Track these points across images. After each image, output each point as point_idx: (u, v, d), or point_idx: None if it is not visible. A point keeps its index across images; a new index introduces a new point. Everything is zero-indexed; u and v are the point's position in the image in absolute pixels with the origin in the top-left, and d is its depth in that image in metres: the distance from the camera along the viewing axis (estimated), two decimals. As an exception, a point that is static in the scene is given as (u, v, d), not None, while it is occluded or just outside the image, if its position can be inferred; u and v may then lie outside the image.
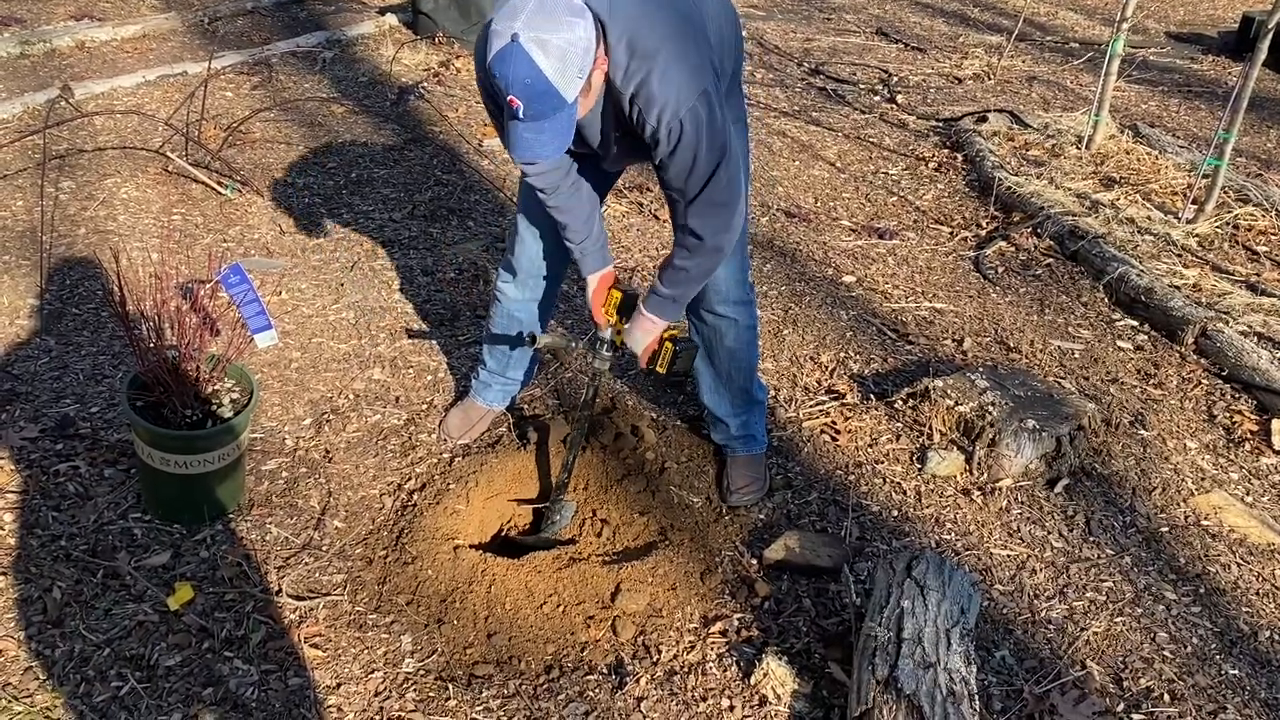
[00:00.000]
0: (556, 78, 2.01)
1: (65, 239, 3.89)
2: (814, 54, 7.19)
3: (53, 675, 2.26)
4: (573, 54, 2.01)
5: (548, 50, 1.99)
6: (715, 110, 2.22)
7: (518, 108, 2.04)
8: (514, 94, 2.02)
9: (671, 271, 2.46)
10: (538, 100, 2.03)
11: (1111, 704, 2.41)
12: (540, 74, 2.00)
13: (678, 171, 2.27)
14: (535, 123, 2.07)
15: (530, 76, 2.00)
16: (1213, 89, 6.91)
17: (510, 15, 1.99)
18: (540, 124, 2.07)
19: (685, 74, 2.18)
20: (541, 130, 2.08)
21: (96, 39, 5.93)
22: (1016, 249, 4.54)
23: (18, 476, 2.77)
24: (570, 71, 2.02)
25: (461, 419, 3.12)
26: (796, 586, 2.68)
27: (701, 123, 2.19)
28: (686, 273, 2.44)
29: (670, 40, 2.17)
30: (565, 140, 2.13)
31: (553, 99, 2.04)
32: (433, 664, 2.40)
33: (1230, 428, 3.41)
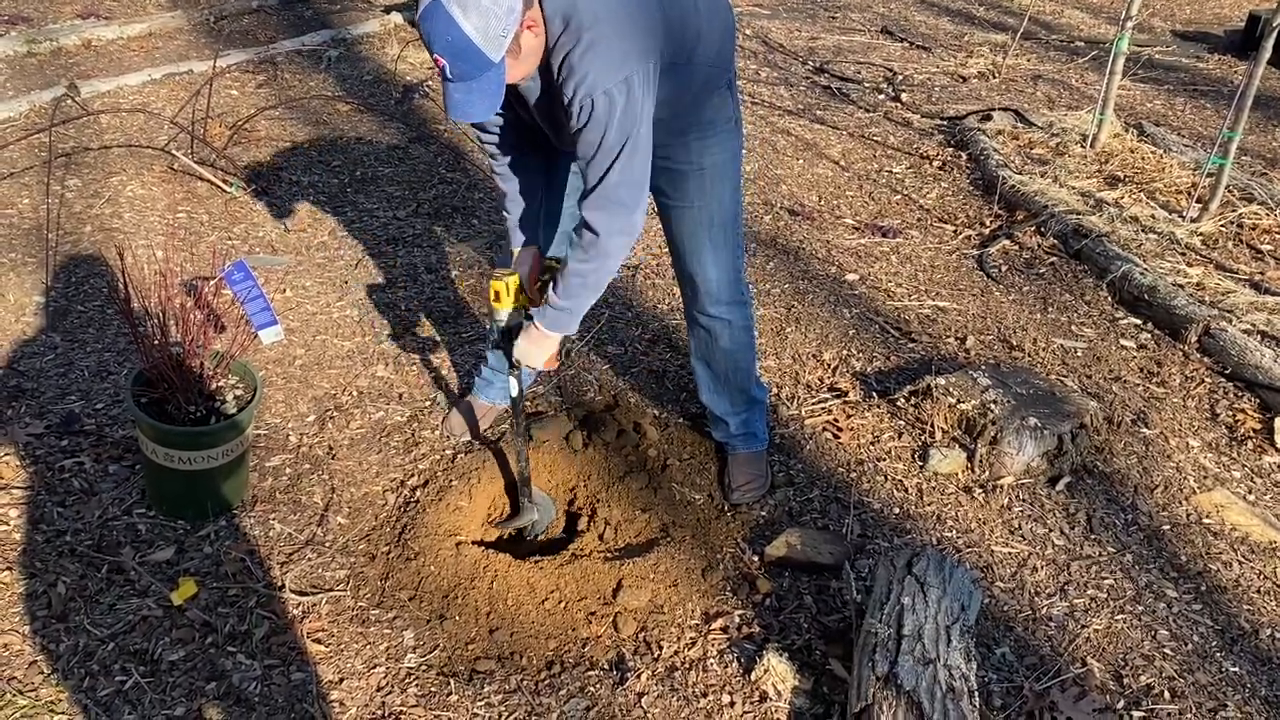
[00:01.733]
0: (478, 36, 2.02)
1: (71, 236, 3.91)
2: (819, 52, 7.19)
3: (57, 669, 2.27)
4: (495, 12, 2.02)
5: (467, 9, 2.00)
6: (635, 99, 2.20)
7: (444, 66, 2.06)
8: (438, 52, 2.04)
9: (566, 278, 2.41)
10: (461, 59, 2.04)
11: (1112, 701, 2.42)
12: (461, 32, 2.01)
13: (583, 149, 2.27)
14: (464, 83, 2.08)
15: (451, 35, 2.01)
16: (1218, 88, 6.89)
17: None
18: (469, 84, 2.09)
19: (613, 55, 2.17)
20: (470, 90, 2.10)
21: (103, 37, 5.95)
22: (1020, 247, 4.53)
23: (23, 472, 2.79)
24: (493, 30, 2.02)
25: (464, 416, 3.12)
26: (798, 583, 2.69)
27: (616, 107, 2.18)
28: (582, 279, 2.39)
29: (608, 20, 2.16)
30: (495, 101, 2.13)
31: (476, 58, 2.05)
32: (435, 659, 2.41)
33: (1233, 426, 3.41)
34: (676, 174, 2.57)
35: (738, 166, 2.69)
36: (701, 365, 2.92)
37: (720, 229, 2.68)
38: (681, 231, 2.70)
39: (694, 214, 2.65)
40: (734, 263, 2.75)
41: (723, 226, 2.69)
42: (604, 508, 2.89)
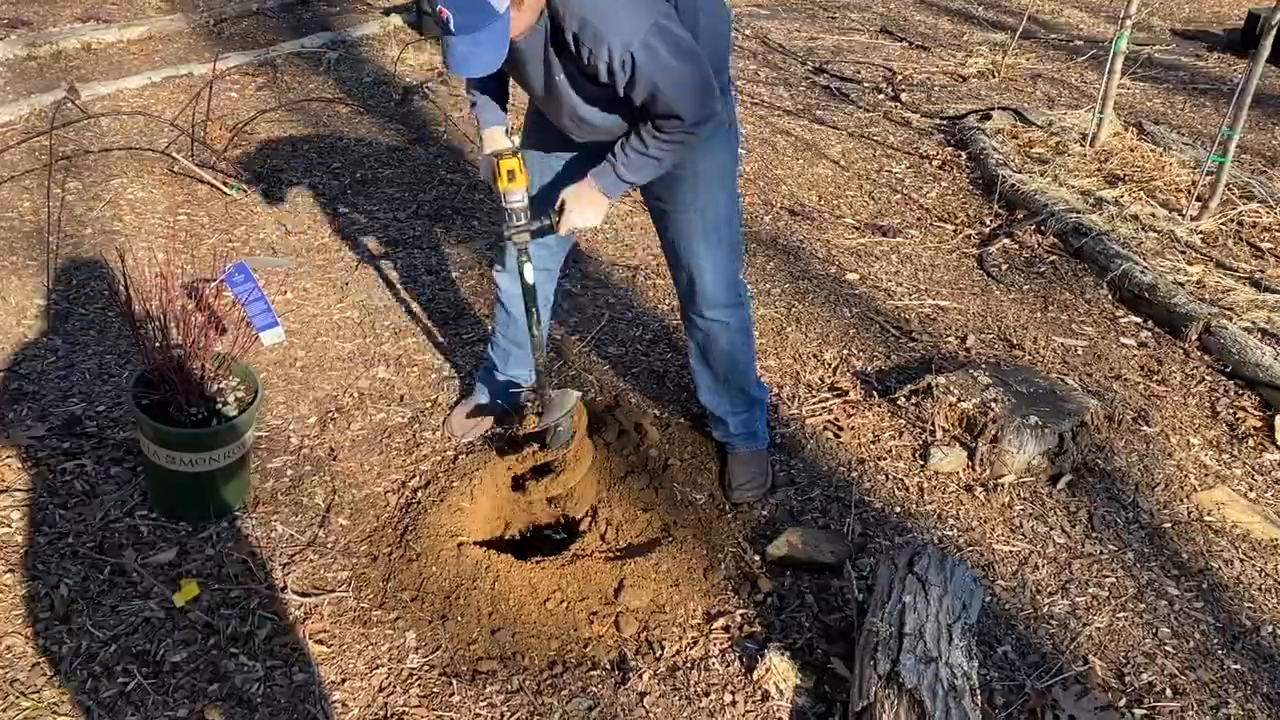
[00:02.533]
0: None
1: (72, 239, 3.91)
2: (818, 52, 7.20)
3: (60, 671, 2.28)
4: None
5: None
6: (671, 38, 2.21)
7: (448, 18, 2.04)
8: (442, 4, 2.03)
9: (640, 158, 2.39)
10: (466, 9, 2.04)
11: (1114, 699, 2.42)
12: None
13: (643, 98, 2.27)
14: (468, 35, 2.06)
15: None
16: (1218, 86, 6.89)
17: None
18: (474, 36, 2.07)
19: (632, 6, 2.18)
20: (477, 43, 2.08)
21: (103, 40, 5.95)
22: (1020, 246, 4.54)
23: (25, 475, 2.79)
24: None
25: (465, 417, 3.13)
26: (799, 582, 2.69)
27: (658, 54, 2.19)
28: (658, 163, 2.40)
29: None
30: (500, 54, 2.13)
31: (481, 8, 2.04)
32: (437, 660, 2.42)
33: (1233, 424, 3.41)
34: (671, 177, 2.55)
35: (734, 170, 2.68)
36: (700, 366, 2.93)
37: (715, 232, 2.67)
38: (677, 235, 2.70)
39: (689, 218, 2.65)
40: (730, 266, 2.74)
41: (717, 230, 2.67)
42: (605, 508, 2.89)
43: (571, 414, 2.74)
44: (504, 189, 2.46)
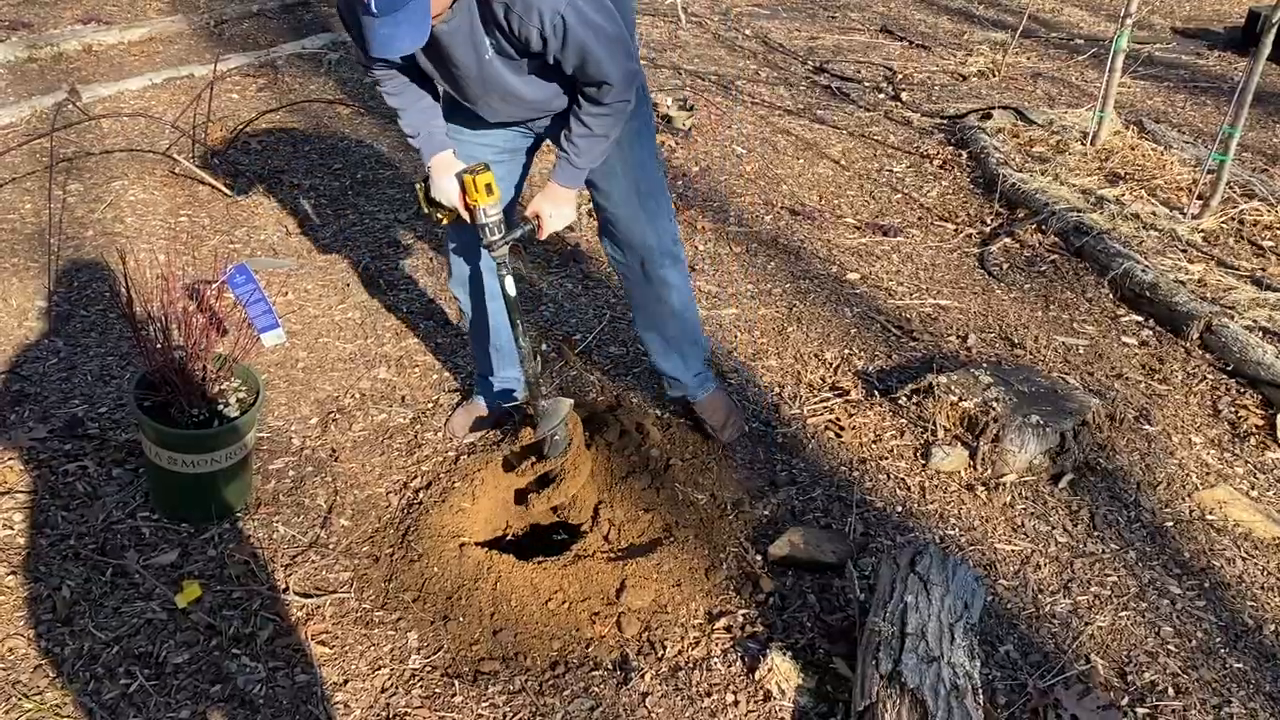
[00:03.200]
0: None
1: (73, 241, 3.91)
2: (818, 52, 7.19)
3: (62, 673, 2.28)
4: None
5: None
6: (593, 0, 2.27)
7: (365, 6, 2.03)
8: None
9: (588, 140, 2.47)
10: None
11: (1116, 698, 2.42)
12: None
13: (576, 63, 2.33)
14: (390, 15, 2.05)
15: None
16: (1218, 84, 6.89)
17: None
18: (395, 16, 2.05)
19: None
20: (398, 24, 2.07)
21: (103, 42, 5.96)
22: (1021, 245, 4.53)
23: (27, 476, 2.79)
24: None
25: (465, 418, 3.14)
26: (801, 582, 2.69)
27: (585, 14, 2.25)
28: (605, 139, 2.49)
29: None
30: (424, 31, 2.12)
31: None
32: (439, 660, 2.42)
33: (1235, 422, 3.41)
34: None
35: (651, 132, 2.78)
36: (652, 334, 3.02)
37: (651, 197, 2.77)
38: (616, 209, 2.77)
39: (624, 186, 2.73)
40: (670, 225, 2.86)
41: (653, 195, 2.78)
42: (607, 508, 2.89)
43: (566, 422, 2.76)
44: (482, 204, 2.48)
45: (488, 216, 2.49)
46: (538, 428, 2.76)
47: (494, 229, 2.51)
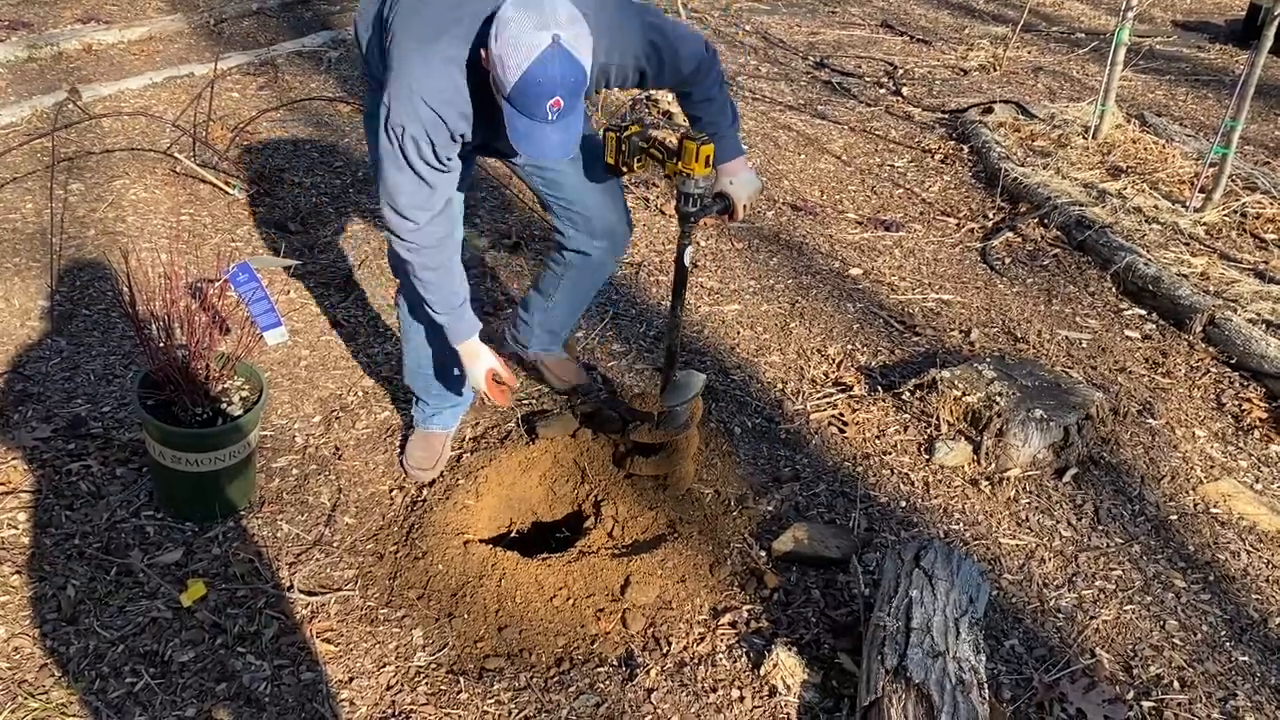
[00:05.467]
0: (587, 62, 2.07)
1: (75, 241, 3.91)
2: (819, 47, 7.19)
3: (68, 672, 2.28)
4: (586, 34, 2.07)
5: (578, 40, 2.04)
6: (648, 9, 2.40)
7: (559, 109, 2.05)
8: (560, 95, 2.04)
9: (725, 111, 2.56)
10: (575, 94, 2.06)
11: (1121, 692, 2.42)
12: (582, 68, 2.05)
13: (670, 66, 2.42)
14: (565, 119, 2.08)
15: (575, 74, 2.04)
16: (1220, 77, 6.88)
17: (534, 14, 2.00)
18: (569, 119, 2.10)
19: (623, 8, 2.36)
20: (570, 126, 2.12)
21: (103, 41, 5.95)
22: (1023, 239, 4.53)
23: (31, 476, 2.79)
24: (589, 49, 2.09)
25: (425, 452, 2.95)
26: (805, 578, 2.69)
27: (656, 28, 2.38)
28: (717, 102, 2.56)
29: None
30: (581, 128, 2.20)
31: (583, 87, 2.08)
32: (444, 658, 2.42)
33: (1239, 415, 3.41)
34: None
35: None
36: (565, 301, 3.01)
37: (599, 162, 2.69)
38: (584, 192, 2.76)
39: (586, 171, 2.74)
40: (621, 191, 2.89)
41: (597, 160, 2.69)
42: (610, 504, 2.89)
43: (693, 401, 2.81)
44: (697, 174, 2.49)
45: (697, 187, 2.51)
46: (665, 398, 2.80)
47: (696, 200, 2.53)
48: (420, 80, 2.18)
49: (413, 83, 2.17)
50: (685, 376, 2.82)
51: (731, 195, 2.66)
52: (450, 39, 2.18)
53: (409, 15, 2.24)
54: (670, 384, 2.80)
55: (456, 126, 2.24)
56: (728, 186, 2.65)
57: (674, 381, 2.80)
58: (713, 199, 2.64)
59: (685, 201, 2.53)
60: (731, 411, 3.31)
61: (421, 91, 2.17)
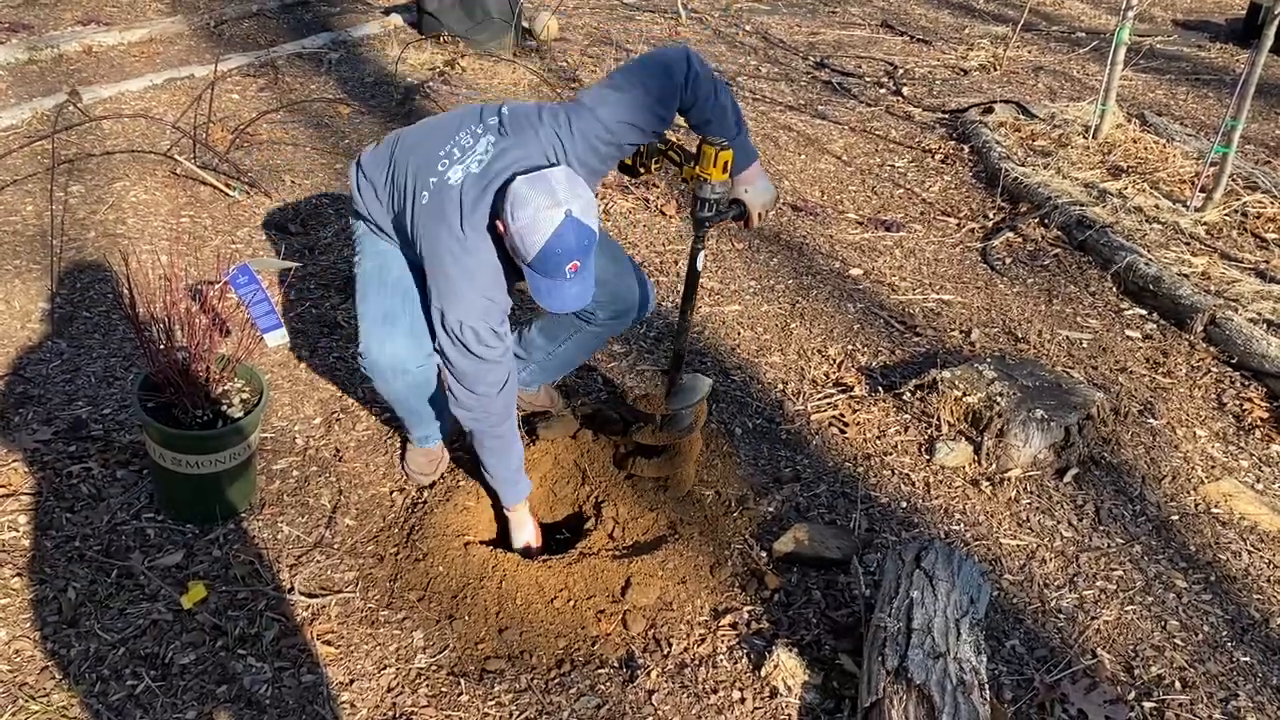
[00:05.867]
0: (598, 227, 2.29)
1: (75, 243, 3.91)
2: (819, 47, 7.19)
3: (69, 674, 2.28)
4: (594, 203, 2.28)
5: (588, 207, 2.25)
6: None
7: (576, 269, 2.27)
8: (578, 259, 2.25)
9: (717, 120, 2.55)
10: (588, 253, 2.28)
11: (1123, 692, 2.41)
12: (592, 232, 2.26)
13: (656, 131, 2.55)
14: (581, 273, 2.29)
15: (589, 238, 2.25)
16: (1220, 76, 6.88)
17: (546, 194, 2.20)
18: (585, 272, 2.30)
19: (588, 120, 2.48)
20: (585, 278, 2.32)
21: (104, 43, 5.96)
22: (1024, 239, 4.53)
23: (31, 479, 2.79)
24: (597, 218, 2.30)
25: (425, 459, 2.97)
26: (806, 579, 2.68)
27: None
28: (716, 106, 2.54)
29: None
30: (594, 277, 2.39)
31: (594, 246, 2.29)
32: (445, 659, 2.42)
33: (1240, 415, 3.40)
34: None
35: None
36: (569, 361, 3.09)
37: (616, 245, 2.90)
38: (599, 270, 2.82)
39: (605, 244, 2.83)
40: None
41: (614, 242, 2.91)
42: (611, 506, 2.89)
43: (697, 405, 2.83)
44: (714, 179, 2.51)
45: (713, 193, 2.53)
46: (670, 401, 2.82)
47: (711, 205, 2.54)
48: (471, 276, 2.39)
49: (462, 282, 2.39)
50: (691, 380, 2.84)
51: (746, 203, 2.65)
52: (479, 219, 2.37)
53: (434, 210, 2.41)
54: (676, 387, 2.80)
55: (504, 302, 2.47)
56: (743, 194, 2.65)
57: (680, 384, 2.80)
58: (728, 205, 2.64)
59: (701, 207, 2.53)
60: (732, 412, 3.31)
61: (475, 287, 2.40)
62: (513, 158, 2.37)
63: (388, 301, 2.63)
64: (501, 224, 2.28)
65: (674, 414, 2.82)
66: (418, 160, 2.48)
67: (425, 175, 2.44)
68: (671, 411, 2.82)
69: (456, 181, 2.38)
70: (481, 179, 2.36)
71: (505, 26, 6.37)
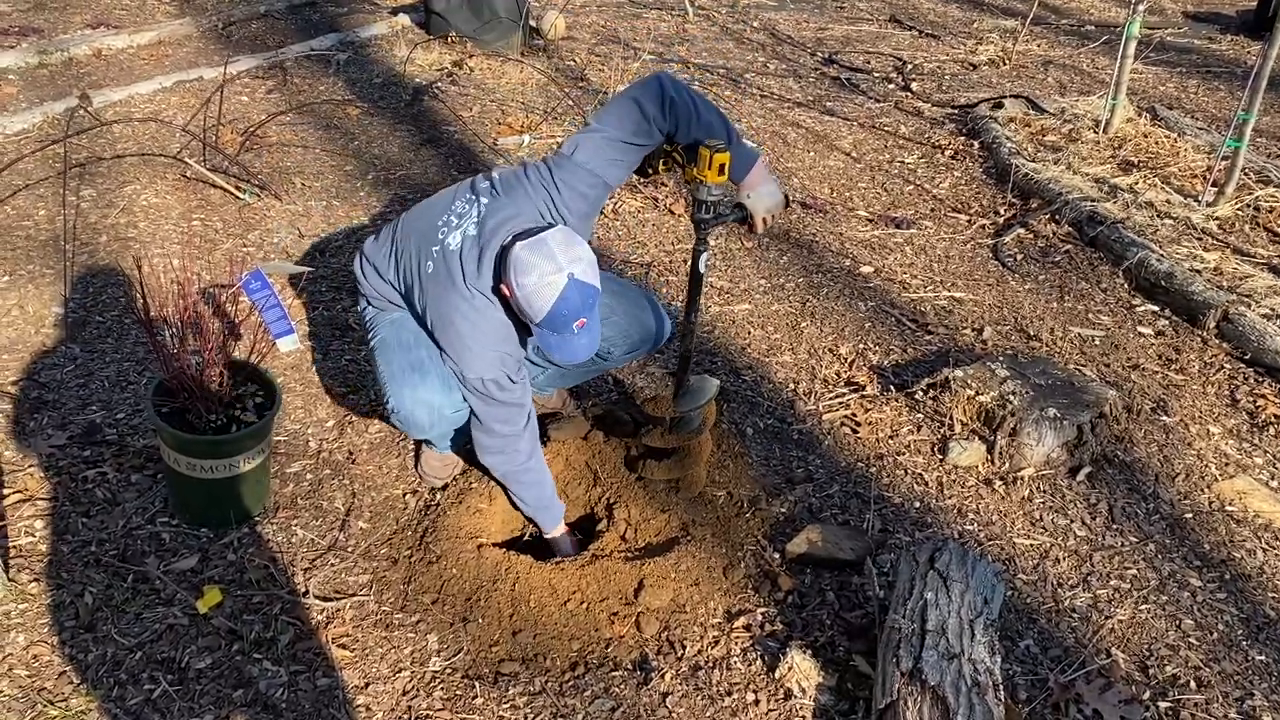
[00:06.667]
0: (599, 282, 2.37)
1: (87, 247, 3.93)
2: (827, 43, 7.17)
3: (86, 679, 2.29)
4: (593, 263, 2.37)
5: (589, 266, 2.34)
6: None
7: (583, 325, 2.36)
8: (585, 315, 2.35)
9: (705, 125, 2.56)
10: (594, 309, 2.37)
11: (1137, 692, 2.41)
12: (595, 289, 2.35)
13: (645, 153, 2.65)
14: (589, 326, 2.37)
15: (593, 296, 2.34)
16: (1232, 69, 6.84)
17: (547, 259, 2.29)
18: (592, 324, 2.38)
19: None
20: (592, 330, 2.40)
21: (113, 47, 5.98)
22: (1035, 236, 4.51)
23: (47, 484, 2.81)
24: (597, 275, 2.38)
25: (440, 462, 2.97)
26: (819, 580, 2.68)
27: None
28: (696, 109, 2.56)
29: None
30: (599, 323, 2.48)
31: (598, 300, 2.39)
32: (459, 662, 2.43)
33: (1254, 412, 3.39)
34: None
35: None
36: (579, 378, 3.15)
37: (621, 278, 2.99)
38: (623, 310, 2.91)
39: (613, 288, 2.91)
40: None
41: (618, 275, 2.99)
42: (623, 507, 2.89)
43: (706, 406, 2.85)
44: (710, 181, 2.50)
45: (710, 195, 2.52)
46: (678, 403, 2.83)
47: (710, 207, 2.54)
48: (483, 335, 2.50)
49: (475, 341, 2.50)
50: (699, 381, 2.83)
51: (749, 208, 2.66)
52: (485, 282, 2.46)
53: (440, 276, 2.52)
54: (684, 388, 2.81)
55: (518, 353, 2.58)
56: (746, 200, 2.66)
57: (687, 386, 2.80)
58: (731, 209, 2.64)
59: (699, 209, 2.53)
60: (743, 412, 3.31)
61: (488, 343, 2.51)
62: (505, 214, 2.47)
63: (413, 355, 2.69)
64: (506, 288, 2.39)
65: (683, 416, 2.83)
66: (419, 235, 2.60)
67: (428, 246, 2.56)
68: (679, 414, 2.82)
69: (456, 246, 2.50)
70: (479, 239, 2.47)
71: (513, 26, 6.37)
